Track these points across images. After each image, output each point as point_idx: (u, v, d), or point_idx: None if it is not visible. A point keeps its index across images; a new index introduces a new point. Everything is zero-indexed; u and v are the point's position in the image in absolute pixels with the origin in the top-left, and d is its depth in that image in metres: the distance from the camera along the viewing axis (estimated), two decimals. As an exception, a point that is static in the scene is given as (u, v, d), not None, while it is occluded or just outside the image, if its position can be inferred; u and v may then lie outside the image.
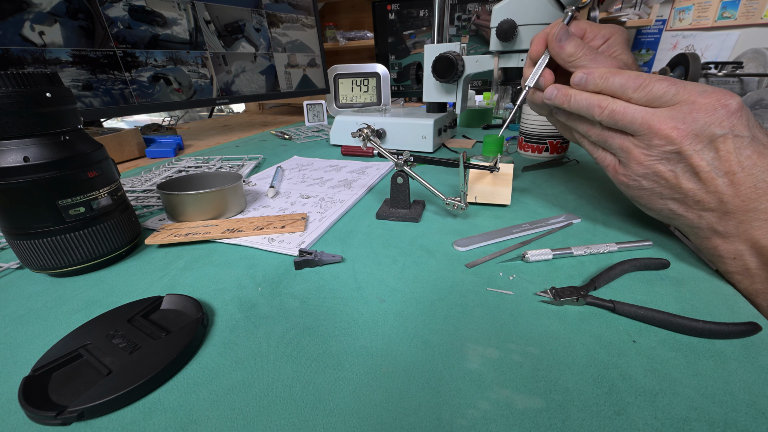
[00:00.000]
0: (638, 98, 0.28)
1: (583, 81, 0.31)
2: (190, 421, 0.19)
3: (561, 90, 0.33)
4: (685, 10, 1.86)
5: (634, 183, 0.31)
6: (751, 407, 0.18)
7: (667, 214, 0.31)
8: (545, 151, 0.64)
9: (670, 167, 0.28)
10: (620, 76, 0.29)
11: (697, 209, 0.28)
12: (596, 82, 0.30)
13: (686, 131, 0.26)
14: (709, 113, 0.26)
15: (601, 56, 0.32)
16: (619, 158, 0.31)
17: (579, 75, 0.31)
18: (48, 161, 0.28)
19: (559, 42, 0.33)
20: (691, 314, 0.25)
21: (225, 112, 1.94)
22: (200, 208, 0.40)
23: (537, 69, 0.35)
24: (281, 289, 0.29)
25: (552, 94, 0.33)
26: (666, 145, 0.27)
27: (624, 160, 0.30)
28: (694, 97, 0.26)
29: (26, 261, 0.30)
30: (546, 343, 0.23)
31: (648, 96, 0.28)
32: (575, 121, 0.34)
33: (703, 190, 0.27)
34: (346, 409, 0.19)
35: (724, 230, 0.27)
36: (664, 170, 0.28)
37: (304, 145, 0.82)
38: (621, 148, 0.30)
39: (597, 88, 0.30)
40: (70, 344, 0.23)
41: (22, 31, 0.58)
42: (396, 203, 0.42)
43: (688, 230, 0.30)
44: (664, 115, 0.27)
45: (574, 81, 0.32)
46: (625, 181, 0.31)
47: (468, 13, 1.23)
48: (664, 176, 0.28)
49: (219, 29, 0.90)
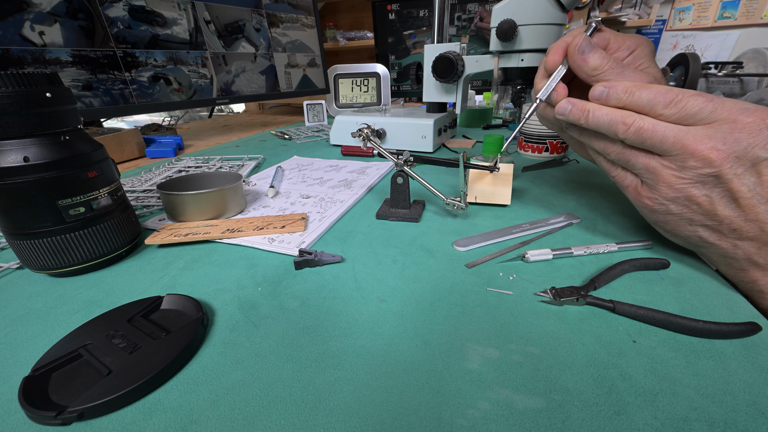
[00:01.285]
0: (669, 115, 0.25)
1: (605, 95, 0.28)
2: (190, 421, 0.19)
3: (576, 105, 0.30)
4: (685, 10, 1.86)
5: (661, 207, 0.28)
6: (751, 407, 0.18)
7: (696, 241, 0.28)
8: (545, 151, 0.64)
9: (705, 192, 0.25)
10: (647, 91, 0.26)
11: (732, 238, 0.26)
12: (619, 96, 0.27)
13: (727, 153, 0.23)
14: (753, 134, 0.23)
15: (628, 70, 0.29)
16: (643, 179, 0.28)
17: (600, 88, 0.28)
18: (48, 161, 0.28)
19: (581, 54, 0.30)
20: (691, 314, 0.25)
21: (225, 112, 1.94)
22: (200, 208, 0.40)
23: (551, 82, 0.32)
24: (281, 289, 0.29)
25: (565, 109, 0.30)
26: (703, 168, 0.24)
27: (650, 182, 0.27)
28: (735, 115, 0.24)
29: (26, 261, 0.30)
30: (546, 343, 0.23)
31: (681, 113, 0.25)
32: (590, 138, 0.31)
33: (742, 217, 0.24)
34: (346, 409, 0.19)
35: (765, 262, 0.25)
36: (697, 195, 0.25)
37: (304, 145, 0.82)
38: (646, 169, 0.27)
39: (620, 103, 0.27)
40: (70, 344, 0.23)
41: (22, 31, 0.58)
42: (396, 203, 0.42)
43: (719, 260, 0.28)
44: (701, 134, 0.24)
45: (594, 95, 0.29)
46: (650, 205, 0.28)
47: (468, 13, 1.23)
48: (697, 201, 0.26)
49: (219, 29, 0.90)
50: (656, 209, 0.28)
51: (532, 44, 0.53)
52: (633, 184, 0.29)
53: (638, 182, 0.29)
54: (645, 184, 0.28)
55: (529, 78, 0.58)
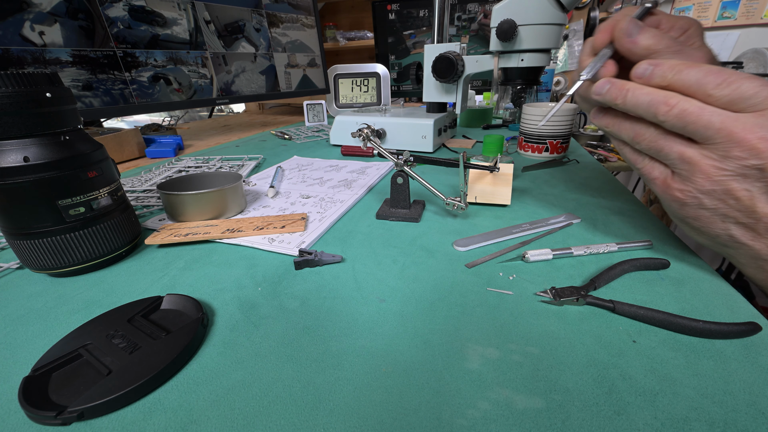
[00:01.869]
0: (719, 97, 0.23)
1: (648, 72, 0.26)
2: (190, 421, 0.19)
3: (615, 84, 0.27)
4: (685, 10, 1.86)
5: (694, 201, 0.26)
6: (751, 407, 0.18)
7: (725, 241, 0.26)
8: (545, 151, 0.64)
9: (746, 186, 0.23)
10: (697, 69, 0.24)
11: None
12: (665, 74, 0.25)
13: None
14: None
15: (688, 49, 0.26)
16: (676, 170, 0.26)
17: (643, 66, 0.26)
18: (48, 161, 0.28)
19: (629, 37, 0.27)
20: (691, 314, 0.25)
21: (225, 112, 1.94)
22: (200, 208, 0.40)
23: (596, 61, 0.30)
24: (281, 289, 0.29)
25: (603, 88, 0.28)
26: (749, 159, 0.22)
27: (685, 173, 0.25)
28: None
29: (26, 261, 0.30)
30: (546, 343, 0.23)
31: (733, 95, 0.23)
32: (621, 125, 0.28)
33: None
34: (346, 409, 0.19)
35: None
36: (737, 188, 0.23)
37: (304, 145, 0.82)
38: (682, 159, 0.25)
39: (665, 82, 0.25)
40: (70, 344, 0.23)
41: (22, 31, 0.58)
42: (396, 203, 0.42)
43: (748, 262, 0.26)
44: (751, 122, 0.22)
45: (637, 72, 0.26)
46: (680, 198, 0.26)
47: (468, 12, 1.22)
48: (736, 195, 0.24)
49: (219, 29, 0.90)
50: (688, 203, 0.26)
51: (532, 44, 0.53)
52: (662, 176, 0.27)
53: (668, 173, 0.27)
54: (677, 176, 0.26)
55: (530, 78, 0.58)
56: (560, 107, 0.34)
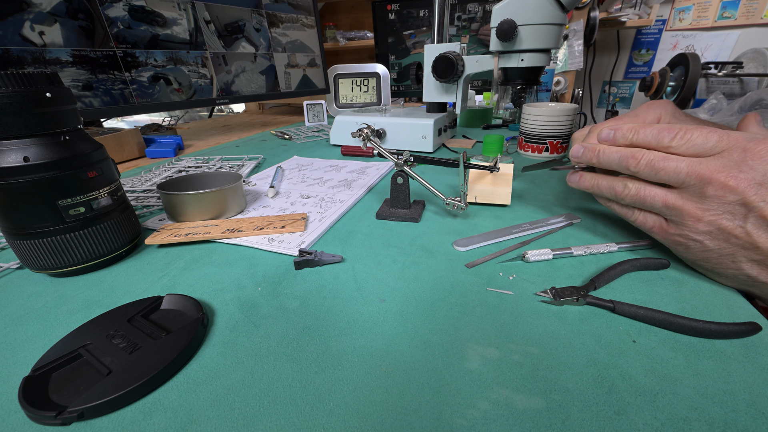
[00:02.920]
0: (676, 146, 0.26)
1: (611, 136, 0.29)
2: (190, 421, 0.19)
3: (587, 147, 0.31)
4: (685, 10, 1.86)
5: (695, 244, 0.26)
6: (751, 407, 0.18)
7: (744, 280, 0.26)
8: (545, 151, 0.64)
9: (738, 223, 0.24)
10: (651, 128, 0.27)
11: None
12: (625, 135, 0.28)
13: (746, 180, 0.23)
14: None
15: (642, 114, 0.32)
16: (667, 217, 0.28)
17: (606, 131, 0.30)
18: (48, 161, 0.28)
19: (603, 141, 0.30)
20: (691, 314, 0.25)
21: (225, 112, 1.94)
22: (200, 208, 0.40)
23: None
24: (281, 289, 0.29)
25: (578, 152, 0.31)
26: (726, 195, 0.24)
27: (675, 218, 0.27)
28: (744, 144, 0.24)
29: (26, 261, 0.30)
30: (546, 343, 0.23)
31: (688, 144, 0.25)
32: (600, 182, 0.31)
33: None
34: (346, 409, 0.19)
35: None
36: (730, 226, 0.24)
37: (304, 145, 0.82)
38: (666, 206, 0.27)
39: (627, 142, 0.28)
40: (70, 344, 0.23)
41: (22, 31, 0.58)
42: (396, 203, 0.42)
43: None
44: (714, 163, 0.24)
45: (602, 137, 0.30)
46: (681, 242, 0.27)
47: (468, 12, 1.22)
48: (733, 233, 0.24)
49: (219, 29, 0.90)
50: (690, 246, 0.27)
51: (532, 44, 0.53)
52: (657, 224, 0.29)
53: (662, 220, 0.28)
54: (670, 222, 0.27)
55: (530, 78, 0.58)
56: None
